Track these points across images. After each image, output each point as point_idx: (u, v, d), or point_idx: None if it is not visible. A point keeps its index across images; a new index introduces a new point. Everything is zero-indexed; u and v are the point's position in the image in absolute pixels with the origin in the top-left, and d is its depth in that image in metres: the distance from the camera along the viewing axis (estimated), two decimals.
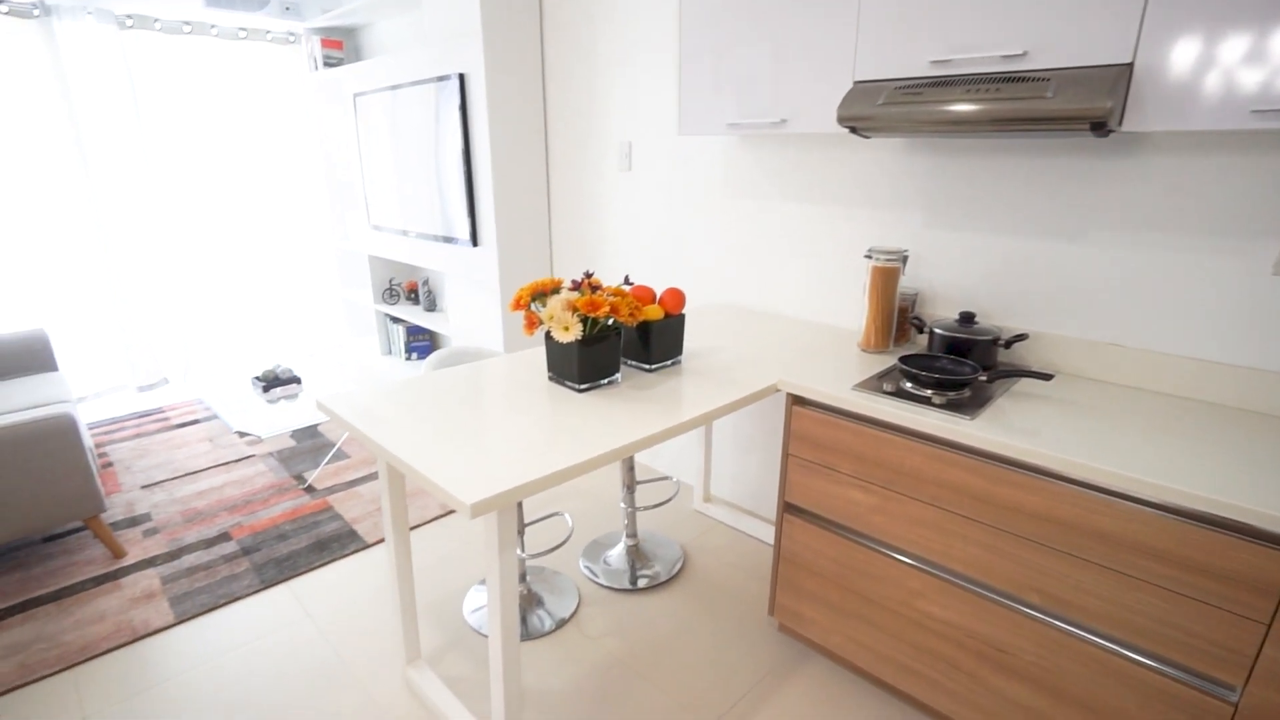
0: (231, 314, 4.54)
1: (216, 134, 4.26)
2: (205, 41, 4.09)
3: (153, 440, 3.50)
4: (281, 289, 4.72)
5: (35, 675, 1.96)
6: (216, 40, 4.12)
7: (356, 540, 2.58)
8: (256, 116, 4.38)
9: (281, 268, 4.69)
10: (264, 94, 4.37)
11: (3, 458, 2.15)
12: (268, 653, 2.05)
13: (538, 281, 1.64)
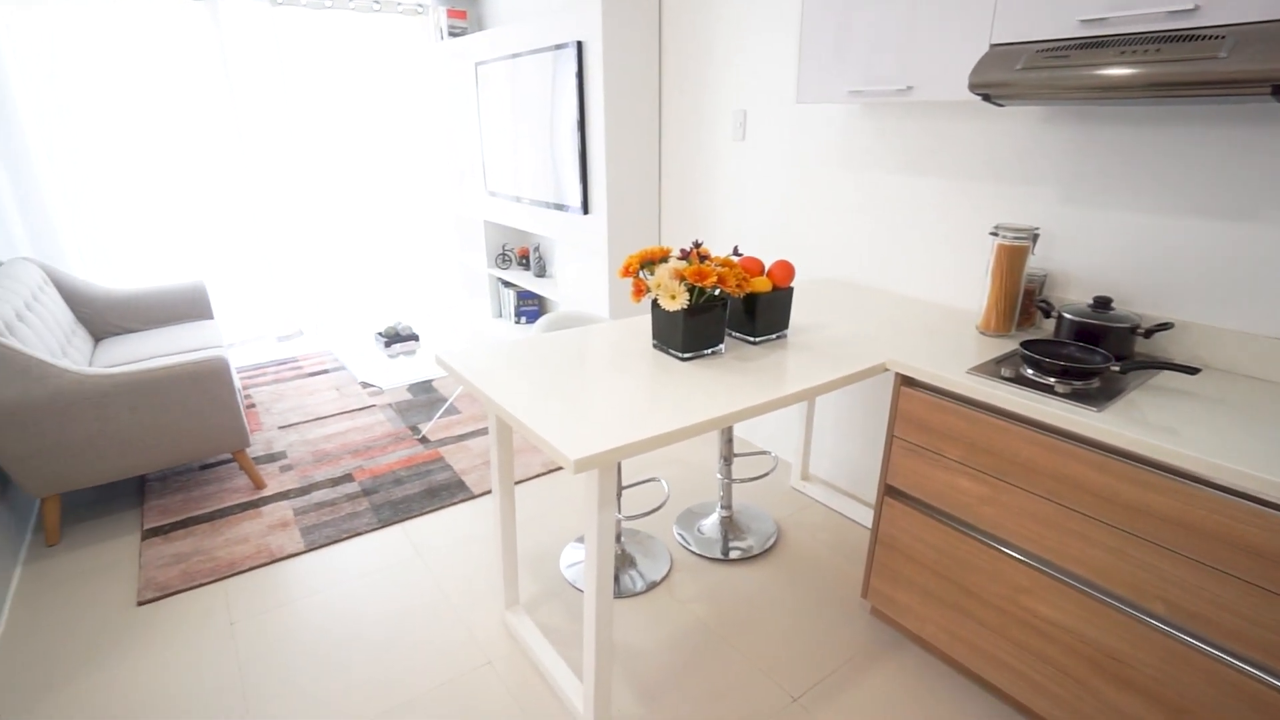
0: (360, 273, 4.87)
1: (350, 103, 4.53)
2: (343, 15, 4.34)
3: (288, 386, 3.84)
4: (405, 251, 5.00)
5: (194, 582, 2.23)
6: (353, 13, 4.36)
7: (464, 490, 2.74)
8: (386, 86, 4.62)
9: (405, 231, 4.97)
10: (393, 64, 4.60)
11: (169, 394, 2.43)
12: (382, 585, 2.23)
13: (647, 250, 1.66)
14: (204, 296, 3.65)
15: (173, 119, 4.01)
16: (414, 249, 5.04)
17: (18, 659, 1.95)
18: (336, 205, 4.68)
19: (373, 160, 4.71)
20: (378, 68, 4.55)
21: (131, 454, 2.44)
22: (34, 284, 2.88)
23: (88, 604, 2.16)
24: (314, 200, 4.59)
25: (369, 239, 4.85)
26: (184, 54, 3.94)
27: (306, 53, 4.31)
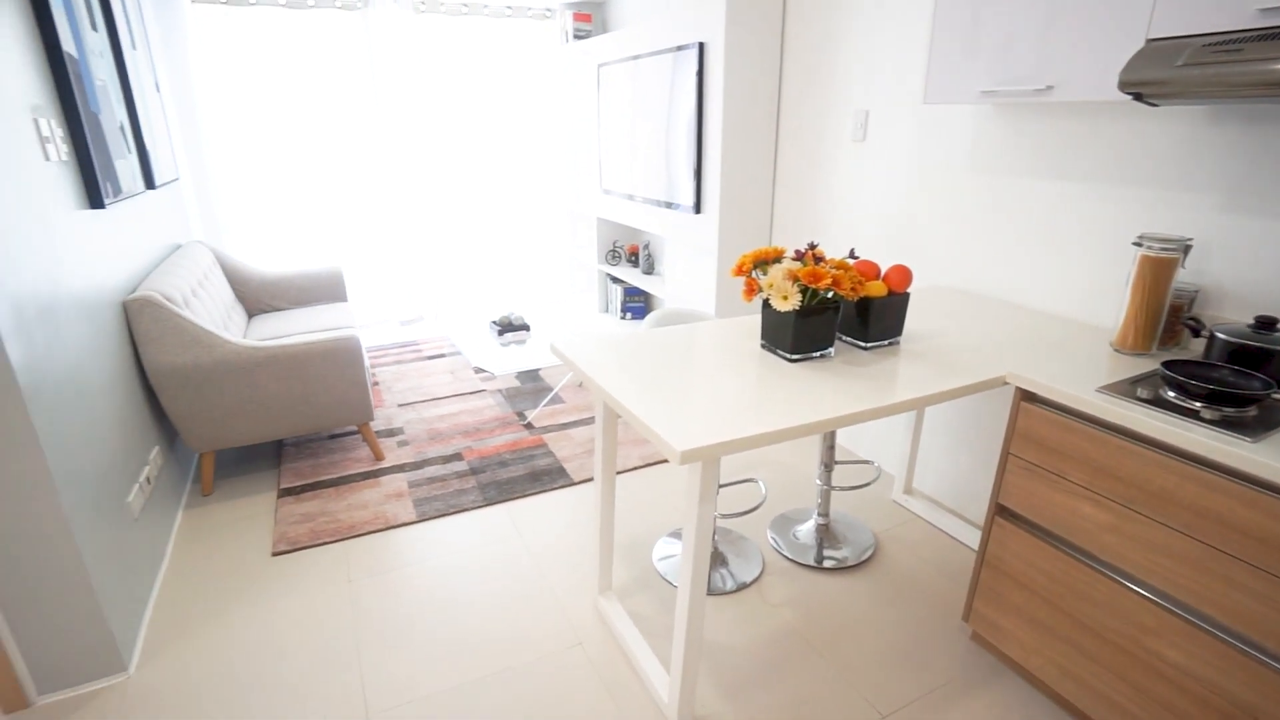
0: (478, 265, 5.13)
1: (480, 104, 4.78)
2: (478, 21, 4.58)
3: (409, 367, 4.10)
4: (521, 246, 5.22)
5: (319, 540, 2.44)
6: (487, 19, 4.59)
7: (565, 477, 2.84)
8: (513, 87, 4.84)
9: (522, 227, 5.18)
10: (521, 67, 4.81)
11: (308, 367, 2.66)
12: (484, 560, 2.35)
13: (761, 249, 1.66)
14: (341, 281, 3.96)
15: (323, 120, 4.39)
16: (529, 244, 5.25)
17: (179, 589, 2.21)
18: (461, 200, 4.95)
19: (497, 158, 4.95)
20: (507, 70, 4.78)
21: (274, 419, 2.70)
22: (205, 265, 3.23)
23: (232, 549, 2.42)
24: (441, 195, 4.87)
25: (489, 233, 5.10)
26: (337, 60, 4.30)
27: (443, 56, 4.58)
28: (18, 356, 1.57)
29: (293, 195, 4.47)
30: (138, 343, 2.41)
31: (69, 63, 2.15)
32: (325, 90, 4.34)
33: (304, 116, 4.35)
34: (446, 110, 4.70)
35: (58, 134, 2.06)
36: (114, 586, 1.91)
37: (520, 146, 4.99)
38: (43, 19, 2.06)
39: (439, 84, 4.62)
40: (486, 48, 4.67)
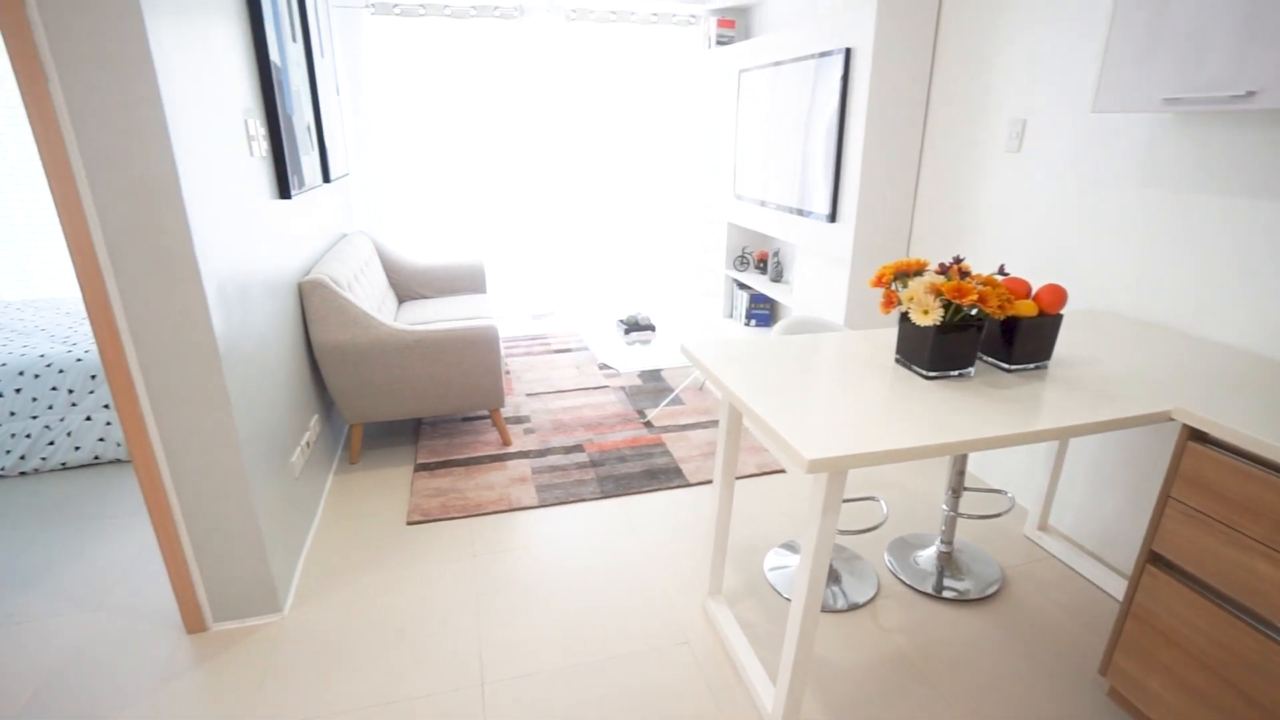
0: (609, 264, 5.28)
1: (621, 107, 4.92)
2: (625, 27, 4.71)
3: (537, 359, 4.30)
4: (651, 247, 5.32)
5: (449, 515, 2.62)
6: (633, 26, 4.72)
7: (680, 478, 2.87)
8: (654, 92, 4.94)
9: (653, 228, 5.28)
10: (663, 72, 4.90)
11: (450, 352, 2.86)
12: (599, 550, 2.43)
13: (902, 261, 1.61)
14: (482, 274, 4.22)
15: (475, 122, 4.68)
16: (659, 246, 5.34)
17: (327, 546, 2.45)
18: (596, 201, 5.12)
19: (633, 161, 5.08)
20: (648, 75, 4.89)
21: (417, 399, 2.92)
22: (366, 253, 3.54)
23: (373, 515, 2.64)
24: (577, 196, 5.06)
25: (620, 234, 5.24)
26: (492, 66, 4.58)
27: (590, 62, 4.76)
28: (218, 326, 1.81)
29: (443, 191, 4.81)
30: (308, 320, 2.69)
31: (274, 71, 2.44)
32: (479, 94, 4.64)
33: (458, 118, 4.66)
34: (589, 114, 4.88)
35: (260, 133, 2.35)
36: (276, 537, 2.14)
37: (656, 150, 5.09)
38: (257, 33, 2.36)
39: (584, 88, 4.81)
40: (630, 53, 4.80)
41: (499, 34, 4.53)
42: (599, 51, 4.74)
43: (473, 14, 4.45)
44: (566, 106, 4.80)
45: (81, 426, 3.01)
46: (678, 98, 4.99)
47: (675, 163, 5.15)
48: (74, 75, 1.52)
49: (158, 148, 1.61)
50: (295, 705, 1.81)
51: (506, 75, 4.63)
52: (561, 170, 4.95)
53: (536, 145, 4.83)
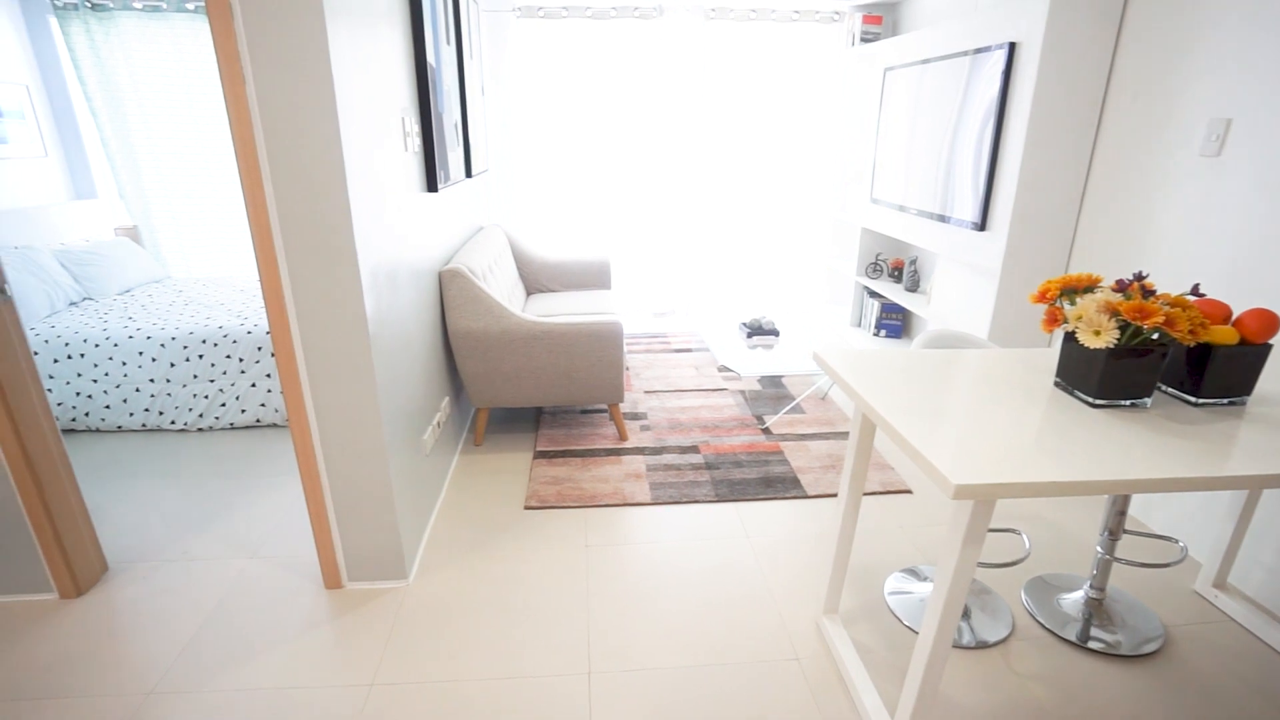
0: (734, 265, 5.22)
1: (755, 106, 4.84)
2: (764, 25, 4.63)
3: (656, 357, 4.31)
4: (778, 250, 5.21)
5: (564, 503, 2.68)
6: (773, 24, 4.62)
7: (798, 488, 2.78)
8: (790, 91, 4.82)
9: (782, 231, 5.17)
10: (800, 70, 4.77)
11: (576, 345, 2.92)
12: (710, 554, 2.40)
13: (1072, 275, 1.46)
14: (607, 270, 4.28)
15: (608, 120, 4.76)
16: (787, 249, 5.21)
17: (451, 521, 2.58)
18: (724, 201, 5.07)
19: (765, 161, 4.98)
20: (786, 74, 4.78)
21: (541, 388, 3.00)
22: (500, 246, 3.69)
23: (493, 496, 2.75)
24: (706, 195, 5.03)
25: (747, 235, 5.16)
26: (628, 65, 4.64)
27: (727, 60, 4.71)
28: (370, 308, 1.93)
29: (573, 188, 4.94)
30: (445, 307, 2.84)
31: (429, 72, 2.59)
32: (614, 93, 4.72)
33: (593, 117, 4.77)
34: (722, 113, 4.84)
35: (414, 130, 2.49)
36: (407, 508, 2.27)
37: (789, 151, 4.97)
38: (417, 37, 2.50)
39: (719, 87, 4.77)
40: (768, 52, 4.71)
41: (637, 34, 4.58)
42: (736, 50, 4.69)
43: (613, 15, 4.53)
44: (700, 105, 4.78)
45: (248, 392, 3.34)
46: (815, 97, 4.84)
47: (808, 164, 5.01)
48: (266, 77, 1.67)
49: (329, 144, 1.73)
50: (416, 667, 1.90)
51: (642, 74, 4.68)
52: (691, 169, 4.94)
53: (667, 144, 4.85)
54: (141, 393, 3.31)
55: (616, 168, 4.91)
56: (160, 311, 3.61)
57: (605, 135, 4.82)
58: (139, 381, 3.30)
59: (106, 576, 2.31)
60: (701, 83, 4.73)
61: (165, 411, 3.34)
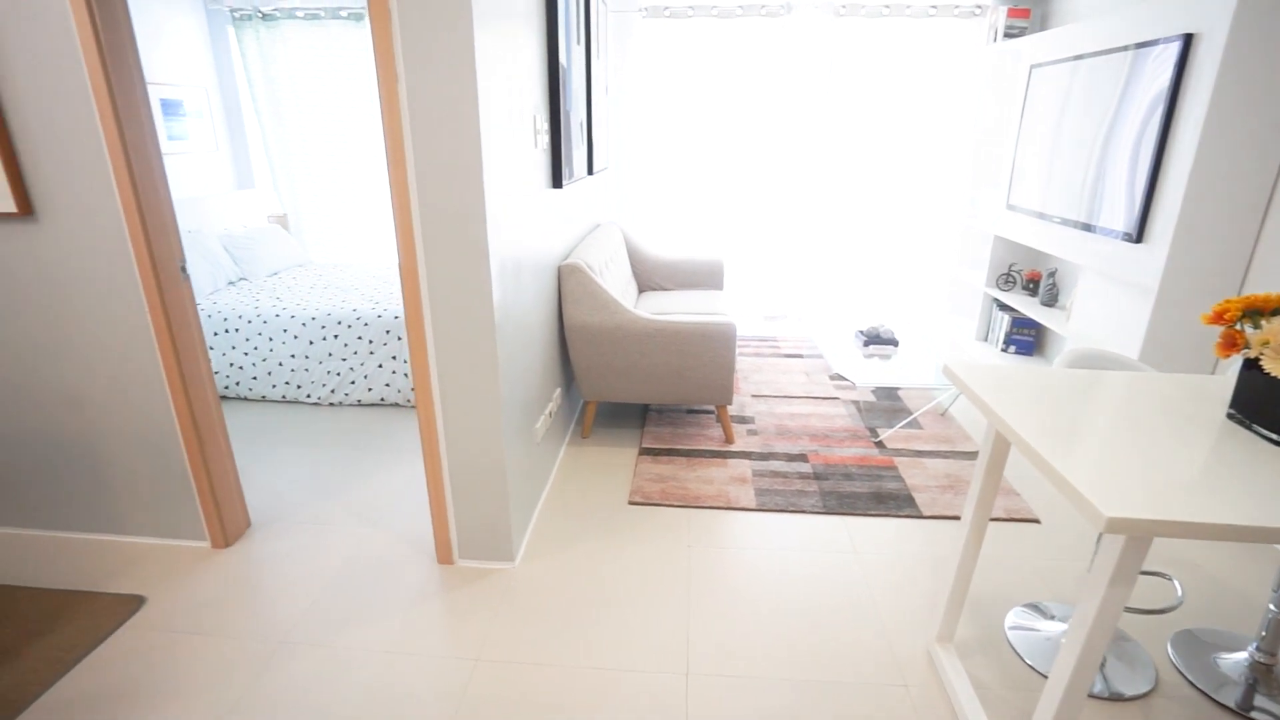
0: (850, 271, 5.05)
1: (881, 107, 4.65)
2: (897, 22, 4.44)
3: (765, 361, 4.24)
4: (899, 256, 4.99)
5: (668, 502, 2.68)
6: (908, 19, 4.42)
7: (912, 506, 2.65)
8: (920, 90, 4.60)
9: (904, 236, 4.94)
10: (934, 69, 4.54)
11: (688, 345, 2.92)
12: (815, 566, 2.32)
13: (1256, 295, 1.30)
14: (720, 271, 4.25)
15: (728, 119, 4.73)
16: (909, 256, 4.98)
17: (556, 510, 2.64)
18: (843, 204, 4.91)
19: (890, 163, 4.78)
20: (918, 72, 4.56)
21: (650, 385, 3.02)
22: (616, 243, 3.75)
23: (598, 488, 2.79)
24: (824, 197, 4.89)
25: (866, 240, 4.98)
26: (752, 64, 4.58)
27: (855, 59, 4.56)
28: (497, 298, 2.01)
29: (689, 188, 4.93)
30: (562, 301, 2.91)
31: (560, 72, 2.66)
32: (736, 92, 4.67)
33: (712, 116, 4.74)
34: (847, 113, 4.68)
35: (543, 128, 2.57)
36: (517, 493, 2.34)
37: (917, 153, 4.74)
38: (551, 38, 2.58)
39: (845, 86, 4.62)
40: (901, 49, 4.51)
41: (764, 32, 4.52)
42: (866, 47, 4.52)
43: (739, 13, 4.49)
44: (824, 104, 4.65)
45: (375, 372, 3.56)
46: (948, 97, 4.59)
47: (937, 167, 4.76)
48: (417, 76, 1.77)
49: (470, 140, 1.82)
50: (518, 648, 1.96)
51: (766, 73, 4.61)
52: (811, 171, 4.82)
53: (788, 144, 4.76)
54: (284, 367, 3.61)
55: (733, 168, 4.86)
56: (302, 293, 3.92)
57: (724, 134, 4.79)
58: (282, 356, 3.59)
59: (249, 532, 2.53)
60: (826, 81, 4.60)
61: (302, 385, 3.63)
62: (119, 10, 1.93)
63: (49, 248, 2.11)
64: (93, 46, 1.88)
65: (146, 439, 2.31)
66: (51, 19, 1.87)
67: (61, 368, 2.26)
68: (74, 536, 2.50)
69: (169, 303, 2.15)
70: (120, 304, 2.15)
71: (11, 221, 2.10)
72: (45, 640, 2.03)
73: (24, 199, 2.07)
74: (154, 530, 2.46)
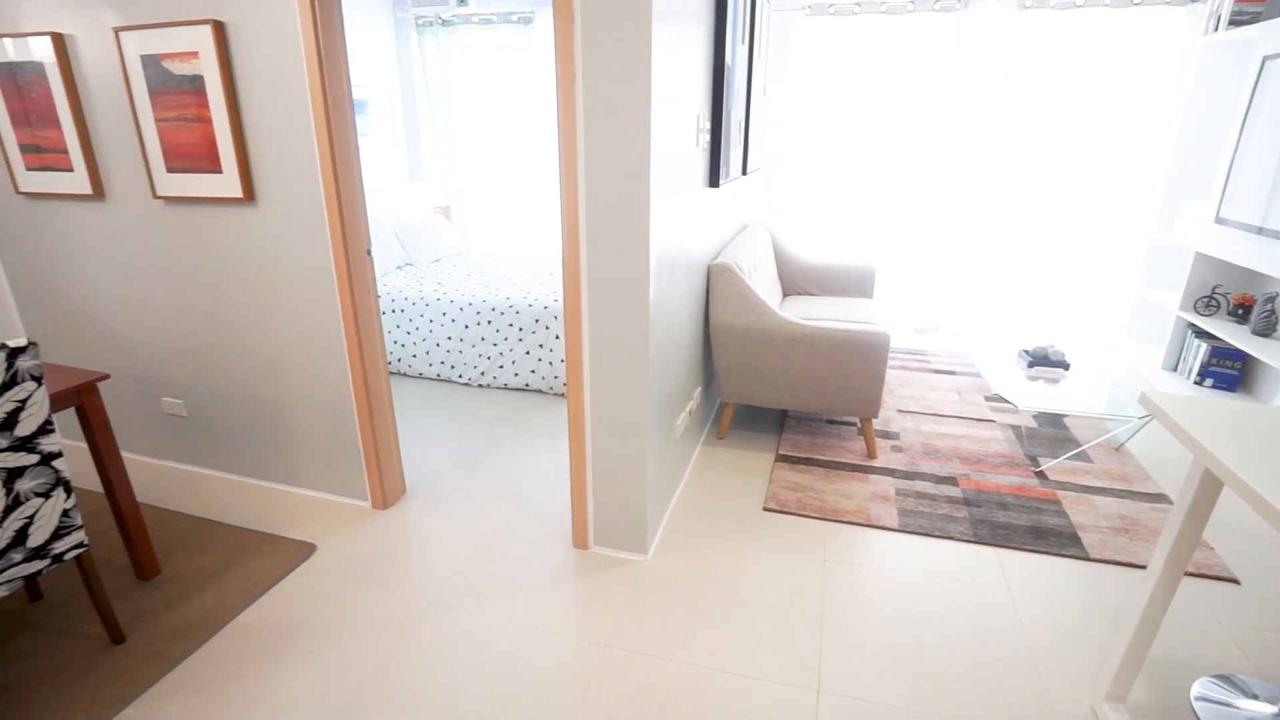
0: (1014, 284, 4.67)
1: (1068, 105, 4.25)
2: (1094, 12, 4.04)
3: (913, 376, 4.01)
4: (1072, 272, 4.55)
5: (804, 512, 2.60)
6: (1107, 9, 4.01)
7: (1076, 546, 2.40)
8: (1110, 89, 4.15)
9: (1080, 249, 4.50)
10: (1129, 64, 4.08)
11: (837, 353, 2.82)
12: (962, 598, 2.16)
13: None
14: (871, 278, 4.08)
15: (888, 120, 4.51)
16: (1085, 272, 4.53)
17: (689, 508, 2.65)
18: (1012, 212, 4.54)
19: (1067, 168, 4.37)
20: (1107, 68, 4.13)
21: (793, 391, 2.95)
22: (764, 244, 3.69)
23: (731, 491, 2.76)
24: (990, 204, 4.55)
25: (1036, 252, 4.58)
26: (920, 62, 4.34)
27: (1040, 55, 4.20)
28: (652, 293, 2.03)
29: (841, 191, 4.76)
30: (710, 300, 2.90)
31: (725, 72, 2.65)
32: (898, 92, 4.45)
33: (870, 117, 4.54)
34: (1025, 113, 4.32)
35: (705, 127, 2.57)
36: (655, 487, 2.37)
37: (1103, 158, 4.29)
38: (719, 38, 2.57)
39: (1025, 85, 4.27)
40: (1092, 43, 4.10)
41: (935, 28, 4.27)
42: (1050, 42, 4.15)
43: (910, 9, 4.27)
44: (1000, 105, 4.32)
45: (522, 358, 3.73)
46: (1144, 96, 4.11)
47: (1124, 175, 4.28)
48: (594, 75, 1.82)
49: (639, 139, 1.85)
50: (647, 639, 1.98)
51: (934, 72, 4.35)
52: (977, 175, 4.49)
53: (953, 146, 4.47)
54: (440, 347, 3.87)
55: (890, 171, 4.63)
56: (460, 280, 4.18)
57: (883, 136, 4.57)
58: (439, 338, 3.85)
59: (405, 497, 2.74)
60: (1002, 79, 4.27)
61: (456, 366, 3.87)
62: (336, 24, 2.14)
63: (262, 229, 2.39)
64: (315, 57, 2.09)
65: (326, 403, 2.56)
66: (285, 34, 2.11)
67: (262, 334, 2.55)
68: (261, 484, 2.82)
69: (355, 282, 2.37)
70: (315, 280, 2.39)
71: (237, 206, 2.40)
72: (237, 572, 2.30)
73: (249, 188, 2.35)
74: (325, 486, 2.71)
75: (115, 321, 2.79)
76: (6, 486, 1.67)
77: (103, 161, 2.55)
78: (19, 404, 1.66)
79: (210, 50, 2.20)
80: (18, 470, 1.68)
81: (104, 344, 2.87)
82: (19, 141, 2.63)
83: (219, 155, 2.33)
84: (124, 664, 1.92)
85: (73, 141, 2.54)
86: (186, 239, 2.52)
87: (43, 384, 1.72)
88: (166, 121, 2.36)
